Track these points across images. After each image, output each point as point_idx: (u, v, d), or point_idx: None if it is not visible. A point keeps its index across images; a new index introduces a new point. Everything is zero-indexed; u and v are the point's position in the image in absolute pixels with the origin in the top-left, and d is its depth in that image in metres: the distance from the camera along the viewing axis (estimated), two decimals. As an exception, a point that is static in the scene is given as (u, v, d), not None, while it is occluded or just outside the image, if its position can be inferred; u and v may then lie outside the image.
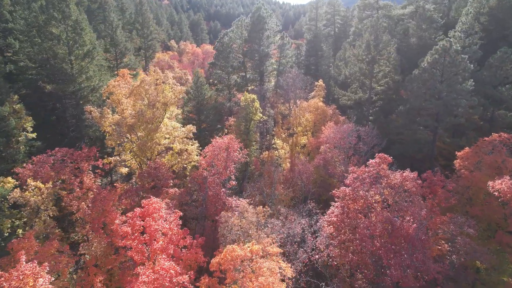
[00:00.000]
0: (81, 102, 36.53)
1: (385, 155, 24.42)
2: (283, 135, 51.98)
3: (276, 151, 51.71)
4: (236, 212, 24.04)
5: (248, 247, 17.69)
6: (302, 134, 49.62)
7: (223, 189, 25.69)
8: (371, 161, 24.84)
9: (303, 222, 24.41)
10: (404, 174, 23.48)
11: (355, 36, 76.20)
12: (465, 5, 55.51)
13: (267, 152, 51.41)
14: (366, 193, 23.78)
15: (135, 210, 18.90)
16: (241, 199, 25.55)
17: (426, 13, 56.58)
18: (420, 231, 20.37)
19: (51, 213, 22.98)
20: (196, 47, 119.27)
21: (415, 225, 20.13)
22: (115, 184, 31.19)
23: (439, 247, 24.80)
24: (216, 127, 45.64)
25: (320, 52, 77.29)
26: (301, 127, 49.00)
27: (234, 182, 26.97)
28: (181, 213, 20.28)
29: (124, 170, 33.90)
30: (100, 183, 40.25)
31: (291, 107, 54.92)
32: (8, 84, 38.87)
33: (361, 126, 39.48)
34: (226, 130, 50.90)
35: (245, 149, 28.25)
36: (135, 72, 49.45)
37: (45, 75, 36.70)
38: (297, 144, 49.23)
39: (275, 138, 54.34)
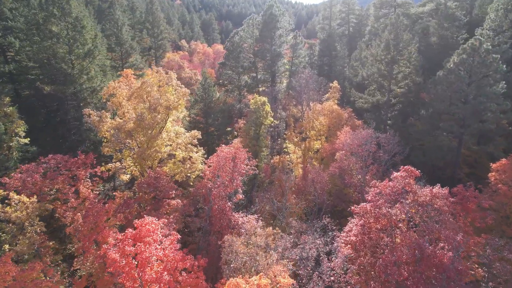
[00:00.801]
0: (81, 104, 34.55)
1: (412, 168, 21.57)
2: (295, 139, 49.30)
3: (288, 156, 49.04)
4: (242, 230, 21.53)
5: (255, 280, 15.16)
6: (315, 138, 46.86)
7: (229, 203, 23.11)
8: (395, 174, 22.03)
9: (318, 242, 21.76)
10: (434, 190, 20.60)
11: (371, 35, 73.07)
12: (490, 1, 52.02)
13: (278, 157, 48.80)
14: (390, 210, 20.99)
15: (126, 232, 16.50)
16: (248, 215, 22.98)
17: (448, 11, 53.16)
18: (457, 261, 17.52)
19: (38, 228, 20.79)
20: (207, 47, 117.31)
21: (450, 253, 17.29)
22: (114, 193, 28.95)
23: (473, 272, 21.89)
24: (225, 130, 43.18)
25: (334, 52, 74.37)
26: (315, 131, 46.23)
27: (241, 196, 24.35)
28: (179, 236, 17.82)
29: (125, 177, 31.72)
30: (102, 189, 38.38)
31: (304, 109, 52.17)
32: (10, 84, 37.48)
33: (381, 132, 36.57)
34: (236, 132, 48.52)
35: (253, 160, 25.64)
36: (141, 73, 47.42)
37: (46, 75, 34.92)
38: (310, 149, 46.48)
39: (286, 142, 51.68)
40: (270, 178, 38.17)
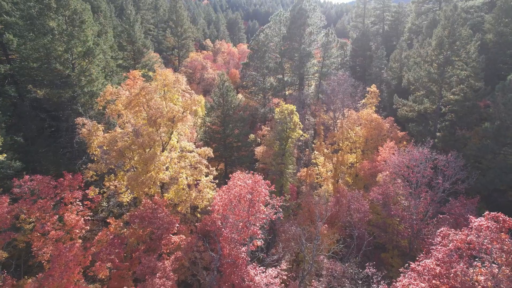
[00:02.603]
0: (80, 111, 29.92)
1: (503, 216, 15.16)
2: (326, 150, 43.00)
3: (317, 168, 42.84)
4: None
5: None
6: (349, 151, 40.41)
7: (243, 251, 17.31)
8: (476, 222, 15.66)
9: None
10: (542, 252, 14.14)
11: (411, 33, 65.76)
12: (560, -8, 44.10)
13: (305, 169, 42.73)
14: (470, 273, 14.77)
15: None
16: (269, 269, 17.25)
17: (508, 3, 45.50)
18: None
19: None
20: (233, 46, 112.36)
21: None
22: (108, 220, 23.91)
23: None
24: (246, 142, 37.48)
25: (368, 52, 67.47)
26: (349, 143, 39.80)
27: (259, 243, 18.47)
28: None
29: (126, 198, 26.65)
30: (105, 206, 33.69)
31: (336, 117, 45.82)
32: (13, 86, 33.72)
33: (433, 148, 29.87)
34: (259, 140, 42.97)
35: (278, 197, 19.55)
36: (154, 74, 42.59)
37: (45, 77, 30.63)
38: (342, 163, 40.05)
39: (315, 152, 45.53)
40: (296, 200, 32.21)
